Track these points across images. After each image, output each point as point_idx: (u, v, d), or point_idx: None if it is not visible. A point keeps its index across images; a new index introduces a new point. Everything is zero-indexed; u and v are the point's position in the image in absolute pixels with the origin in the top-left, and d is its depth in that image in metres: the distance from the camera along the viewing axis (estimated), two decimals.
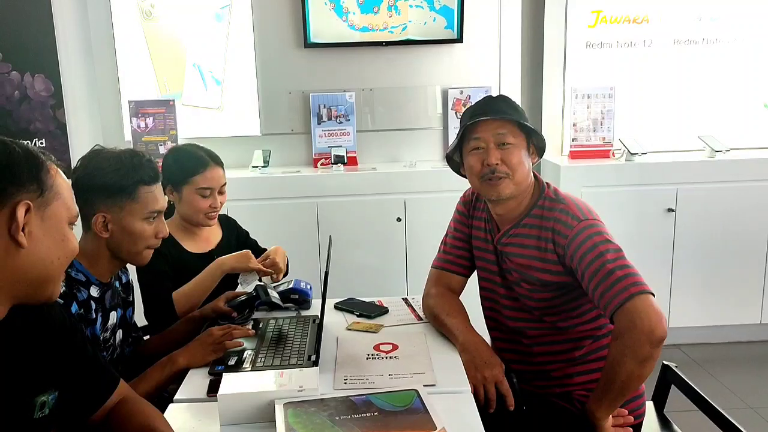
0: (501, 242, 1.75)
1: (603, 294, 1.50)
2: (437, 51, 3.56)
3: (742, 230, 3.44)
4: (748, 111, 3.71)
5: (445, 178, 3.38)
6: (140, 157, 1.62)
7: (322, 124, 3.54)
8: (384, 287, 2.51)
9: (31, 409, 1.12)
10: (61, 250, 1.09)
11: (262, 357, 1.64)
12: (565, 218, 1.63)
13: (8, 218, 1.01)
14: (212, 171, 2.11)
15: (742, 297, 3.51)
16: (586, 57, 3.64)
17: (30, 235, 1.03)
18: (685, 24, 3.62)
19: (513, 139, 1.67)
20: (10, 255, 1.02)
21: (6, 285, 1.03)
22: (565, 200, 1.67)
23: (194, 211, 2.10)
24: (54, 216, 1.07)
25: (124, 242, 1.59)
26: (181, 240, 2.12)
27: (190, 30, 3.47)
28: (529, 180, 1.72)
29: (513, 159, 1.66)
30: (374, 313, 1.96)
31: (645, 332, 1.42)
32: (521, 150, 1.68)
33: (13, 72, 3.39)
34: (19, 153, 1.04)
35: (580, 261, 1.56)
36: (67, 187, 1.12)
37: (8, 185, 1.01)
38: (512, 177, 1.67)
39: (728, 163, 3.45)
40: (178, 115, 3.44)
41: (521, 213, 1.72)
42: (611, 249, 1.54)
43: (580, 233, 1.59)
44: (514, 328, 1.79)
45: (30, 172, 1.04)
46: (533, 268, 1.68)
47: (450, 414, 1.31)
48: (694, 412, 1.67)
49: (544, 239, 1.66)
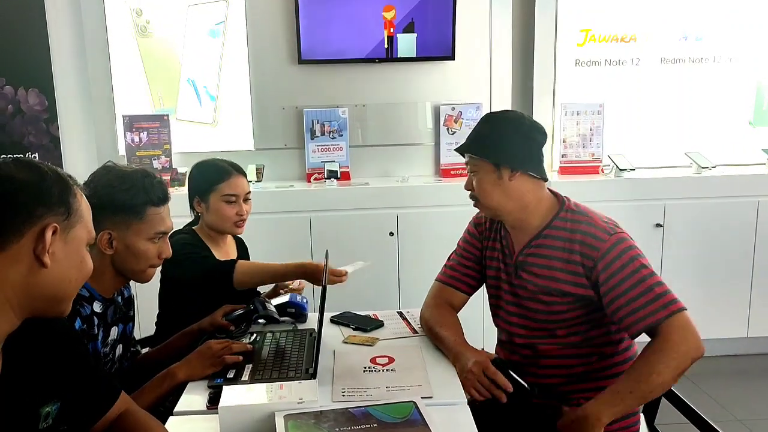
0: (523, 253, 1.77)
1: (644, 306, 1.56)
2: (429, 68, 3.61)
3: (729, 245, 3.50)
4: (733, 128, 3.78)
5: (436, 193, 3.42)
6: (151, 178, 1.63)
7: (315, 140, 3.58)
8: (377, 301, 2.54)
9: (36, 419, 1.13)
10: (78, 272, 1.12)
11: (261, 370, 1.66)
12: (594, 231, 1.66)
13: (35, 238, 1.04)
14: (236, 179, 2.19)
15: (729, 311, 3.55)
16: (575, 74, 3.70)
17: (53, 256, 1.05)
18: (671, 43, 3.70)
19: (475, 167, 1.77)
20: (33, 273, 1.04)
21: (24, 300, 1.05)
22: (587, 213, 1.72)
23: (222, 219, 2.16)
24: (76, 238, 1.10)
25: (128, 260, 1.61)
26: (209, 245, 2.20)
27: (184, 46, 3.51)
28: (535, 196, 1.75)
29: (477, 185, 1.77)
30: (370, 327, 1.99)
31: (692, 347, 1.53)
32: (485, 174, 1.74)
33: (7, 86, 3.40)
34: (51, 176, 1.08)
35: (615, 274, 1.60)
36: (88, 210, 1.15)
37: (39, 207, 1.05)
38: (481, 201, 1.78)
39: (714, 179, 3.51)
40: (172, 129, 3.46)
41: (538, 225, 1.75)
42: (647, 265, 1.61)
43: (615, 247, 1.62)
44: (523, 344, 1.81)
45: (60, 196, 1.07)
46: (556, 279, 1.70)
47: (447, 426, 1.33)
48: (684, 424, 1.70)
49: (569, 251, 1.68)
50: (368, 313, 2.12)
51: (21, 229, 1.03)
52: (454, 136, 3.62)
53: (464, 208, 3.33)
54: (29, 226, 1.03)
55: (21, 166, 1.07)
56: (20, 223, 1.03)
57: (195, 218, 2.28)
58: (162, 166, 3.43)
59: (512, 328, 1.83)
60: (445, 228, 3.34)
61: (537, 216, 1.75)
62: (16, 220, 1.03)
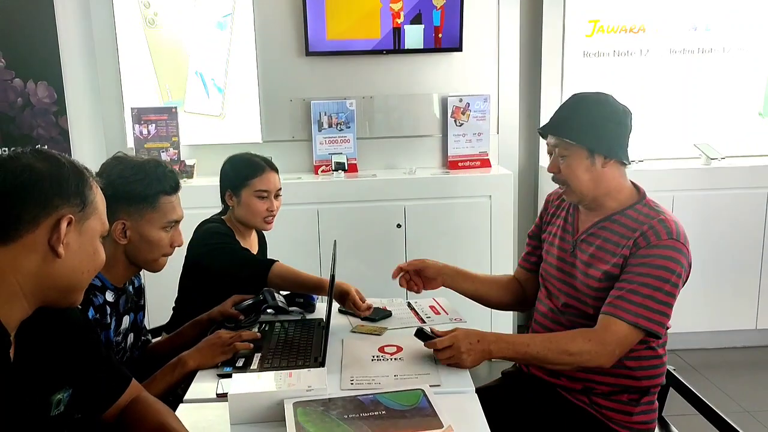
0: (587, 232, 1.75)
1: (626, 300, 1.58)
2: (437, 59, 3.61)
3: (738, 237, 3.49)
4: (742, 119, 3.76)
5: (444, 185, 3.42)
6: (163, 168, 1.65)
7: (322, 132, 3.58)
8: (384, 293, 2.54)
9: (48, 406, 1.15)
10: (91, 263, 1.13)
11: (270, 358, 1.67)
12: (660, 228, 1.63)
13: (51, 228, 1.05)
14: (269, 175, 2.21)
15: (738, 303, 3.55)
16: (583, 65, 3.69)
17: (67, 247, 1.07)
18: (680, 34, 3.67)
19: (566, 151, 1.70)
20: (47, 263, 1.06)
21: (37, 289, 1.07)
22: (666, 213, 1.68)
23: (253, 214, 2.19)
24: (90, 230, 1.12)
25: (141, 249, 1.63)
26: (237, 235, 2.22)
27: (192, 38, 3.51)
28: (616, 183, 1.72)
29: (568, 171, 1.70)
30: (378, 317, 1.99)
31: (606, 356, 1.58)
32: (577, 160, 1.69)
33: (16, 79, 3.41)
34: (68, 168, 1.09)
35: (642, 266, 1.60)
36: (103, 202, 1.16)
37: (56, 198, 1.06)
38: (571, 187, 1.72)
39: (724, 170, 3.49)
40: (180, 122, 3.47)
41: (614, 209, 1.72)
42: (673, 282, 1.59)
43: (664, 249, 1.61)
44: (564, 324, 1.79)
45: (76, 187, 1.09)
46: (608, 261, 1.68)
47: (455, 413, 1.34)
48: (693, 415, 1.71)
49: (628, 237, 1.65)
50: (376, 303, 2.12)
51: (37, 219, 1.04)
52: (462, 127, 3.61)
53: (471, 200, 3.40)
54: (45, 216, 1.05)
55: (40, 156, 1.08)
56: (37, 213, 1.04)
57: (224, 209, 2.29)
58: (170, 158, 3.44)
59: (547, 301, 1.83)
60: (452, 220, 3.36)
61: (615, 201, 1.73)
62: (33, 210, 1.04)
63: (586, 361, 1.59)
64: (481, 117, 3.62)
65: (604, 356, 1.58)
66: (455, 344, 1.59)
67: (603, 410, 1.70)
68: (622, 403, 1.70)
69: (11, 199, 1.03)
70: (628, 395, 1.70)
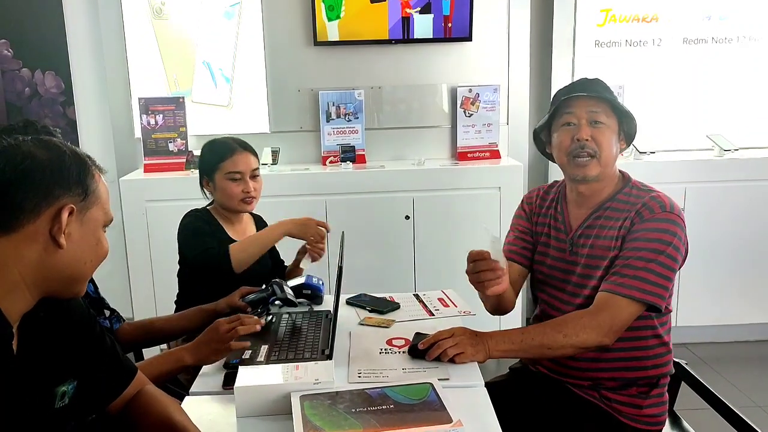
0: (582, 227, 1.73)
1: (624, 275, 1.57)
2: (446, 49, 3.57)
3: (751, 229, 3.44)
4: (756, 110, 3.70)
5: (453, 177, 3.40)
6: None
7: (330, 122, 3.55)
8: (392, 284, 2.53)
9: (52, 398, 1.14)
10: (94, 253, 1.12)
11: (276, 351, 1.66)
12: (653, 204, 1.63)
13: (52, 218, 1.03)
14: (240, 155, 2.16)
15: (750, 296, 3.51)
16: (595, 56, 3.64)
17: (68, 237, 1.05)
18: (694, 23, 3.62)
19: (605, 119, 1.68)
20: (48, 253, 1.04)
21: (39, 280, 1.05)
22: (656, 190, 1.69)
23: (228, 197, 2.15)
24: (92, 220, 1.10)
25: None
26: (223, 224, 2.20)
27: (200, 28, 3.49)
28: (614, 167, 1.72)
29: (603, 139, 1.67)
30: (386, 309, 1.98)
31: (605, 333, 1.55)
32: (612, 132, 1.69)
33: (24, 69, 3.42)
34: (70, 157, 1.07)
35: (635, 240, 1.60)
36: (106, 191, 1.14)
37: (56, 187, 1.04)
38: (599, 157, 1.67)
39: (737, 162, 3.45)
40: (187, 112, 3.46)
41: (603, 199, 1.72)
42: (666, 252, 1.58)
43: (658, 222, 1.60)
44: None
45: (78, 177, 1.07)
46: (610, 248, 1.66)
47: (464, 407, 1.32)
48: (704, 409, 1.68)
49: (622, 219, 1.65)
50: (384, 295, 2.10)
51: (38, 208, 1.02)
52: (471, 118, 3.58)
53: (480, 191, 3.37)
54: (46, 206, 1.03)
55: (41, 145, 1.06)
56: (37, 202, 1.02)
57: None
58: (177, 149, 3.43)
59: (557, 303, 1.79)
60: (461, 211, 3.34)
61: (610, 186, 1.73)
62: (34, 199, 1.02)
63: (584, 341, 1.56)
64: (491, 108, 3.58)
65: (601, 333, 1.55)
66: (455, 333, 1.59)
67: (613, 404, 1.68)
68: (632, 396, 1.68)
69: (12, 188, 1.01)
70: (638, 388, 1.68)
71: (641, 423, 1.67)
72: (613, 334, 1.57)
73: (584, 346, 1.57)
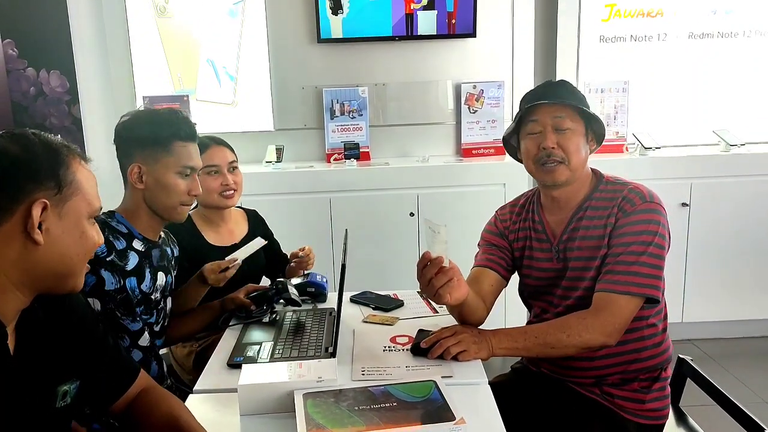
0: (567, 231, 1.71)
1: (617, 272, 1.57)
2: (450, 45, 3.56)
3: (757, 225, 3.42)
4: (763, 105, 3.68)
5: (458, 173, 3.39)
6: (177, 115, 1.68)
7: (335, 119, 3.55)
8: (396, 281, 2.52)
9: (54, 398, 1.13)
10: (80, 246, 1.08)
11: (280, 349, 1.66)
12: (632, 197, 1.63)
13: (24, 215, 1.00)
14: (212, 150, 2.16)
15: (756, 292, 3.49)
16: (599, 51, 3.62)
17: (47, 232, 1.02)
18: (699, 17, 3.60)
19: (571, 123, 1.67)
20: (29, 251, 1.02)
21: (27, 278, 1.03)
22: (632, 183, 1.69)
23: (207, 192, 2.11)
24: (72, 212, 1.06)
25: (158, 195, 1.66)
26: (203, 231, 2.16)
27: (203, 26, 3.49)
28: (586, 168, 1.72)
29: (570, 145, 1.66)
30: (390, 306, 1.97)
31: (609, 332, 1.55)
32: (579, 136, 1.68)
33: (29, 68, 3.42)
34: (39, 148, 1.04)
35: (626, 235, 1.60)
36: (89, 180, 1.10)
37: (26, 182, 1.01)
38: (568, 163, 1.66)
39: (743, 157, 3.43)
40: (192, 110, 3.46)
41: (580, 201, 1.71)
42: (659, 244, 1.58)
43: (640, 213, 1.61)
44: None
45: (49, 169, 1.03)
46: (599, 247, 1.65)
47: (467, 405, 1.31)
48: (710, 406, 1.67)
49: (605, 217, 1.65)
50: (388, 293, 2.10)
51: (11, 206, 1.00)
52: (476, 114, 3.57)
53: (485, 188, 3.36)
54: (18, 203, 1.00)
55: (13, 140, 1.03)
56: (9, 200, 1.00)
57: None
58: None
59: (549, 307, 1.78)
60: (466, 208, 3.33)
61: (584, 187, 1.72)
62: (5, 198, 1.00)
63: (587, 341, 1.55)
64: (496, 104, 3.57)
65: (604, 333, 1.55)
66: (458, 331, 1.60)
67: (615, 400, 1.67)
68: (634, 391, 1.67)
69: None
70: (639, 383, 1.68)
71: (644, 418, 1.67)
72: (617, 334, 1.57)
73: (587, 346, 1.57)
